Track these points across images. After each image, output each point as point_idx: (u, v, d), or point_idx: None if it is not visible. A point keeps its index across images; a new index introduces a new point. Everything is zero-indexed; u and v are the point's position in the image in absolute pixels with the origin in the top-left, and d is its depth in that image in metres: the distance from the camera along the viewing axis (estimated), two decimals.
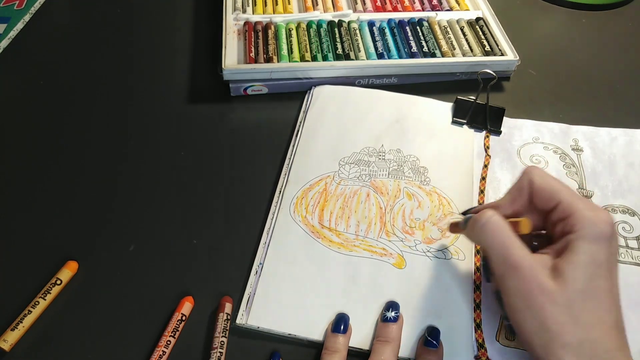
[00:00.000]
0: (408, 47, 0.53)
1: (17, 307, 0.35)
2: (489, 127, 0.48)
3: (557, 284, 0.28)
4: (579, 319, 0.27)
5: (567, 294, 0.28)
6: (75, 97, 0.50)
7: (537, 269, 0.28)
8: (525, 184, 0.32)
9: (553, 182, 0.31)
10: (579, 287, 0.28)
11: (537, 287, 0.28)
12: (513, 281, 0.29)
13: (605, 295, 0.28)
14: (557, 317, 0.27)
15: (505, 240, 0.30)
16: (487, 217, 0.31)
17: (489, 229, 0.30)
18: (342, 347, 0.33)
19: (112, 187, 0.43)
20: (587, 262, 0.28)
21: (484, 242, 0.31)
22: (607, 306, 0.28)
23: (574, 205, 0.30)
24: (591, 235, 0.28)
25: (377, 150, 0.45)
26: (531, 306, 0.28)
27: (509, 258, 0.29)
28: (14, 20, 0.56)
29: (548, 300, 0.28)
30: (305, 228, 0.40)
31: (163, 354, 0.33)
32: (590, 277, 0.28)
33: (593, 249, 0.28)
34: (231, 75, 0.48)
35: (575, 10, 0.64)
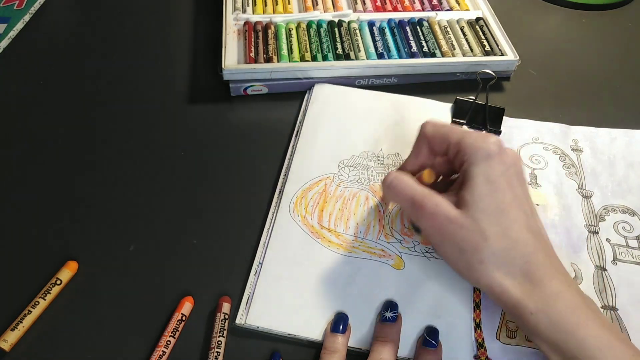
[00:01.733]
0: (408, 47, 0.53)
1: (17, 307, 0.35)
2: (489, 127, 0.48)
3: (462, 211, 0.30)
4: (487, 233, 0.29)
5: (471, 216, 0.30)
6: (75, 97, 0.50)
7: (442, 204, 0.31)
8: (422, 136, 0.35)
9: (443, 127, 0.34)
10: (480, 206, 0.30)
11: (445, 219, 0.30)
12: (425, 221, 0.32)
13: (507, 206, 0.30)
14: (468, 238, 0.30)
15: (408, 190, 0.32)
16: (392, 177, 0.34)
17: (394, 186, 0.33)
18: (342, 347, 0.33)
19: (112, 187, 0.43)
20: (481, 182, 0.30)
21: (394, 199, 0.34)
22: (513, 216, 0.30)
23: (462, 139, 0.32)
24: (478, 157, 0.31)
25: (375, 155, 0.45)
26: (445, 236, 0.31)
27: (415, 202, 0.31)
28: (14, 20, 0.56)
29: (456, 226, 0.30)
30: (305, 228, 0.40)
31: (163, 354, 0.33)
32: (488, 195, 0.30)
33: (483, 169, 0.30)
34: (231, 75, 0.48)
35: (575, 10, 0.64)
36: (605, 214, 0.42)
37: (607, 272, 0.39)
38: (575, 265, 0.39)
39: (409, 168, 0.36)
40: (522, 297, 0.29)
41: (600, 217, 0.42)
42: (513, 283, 0.29)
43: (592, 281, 0.38)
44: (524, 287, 0.29)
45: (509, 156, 0.31)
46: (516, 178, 0.31)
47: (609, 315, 0.36)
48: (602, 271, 0.39)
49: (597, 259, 0.39)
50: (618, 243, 0.40)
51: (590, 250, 0.40)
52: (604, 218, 0.42)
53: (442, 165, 0.35)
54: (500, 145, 0.31)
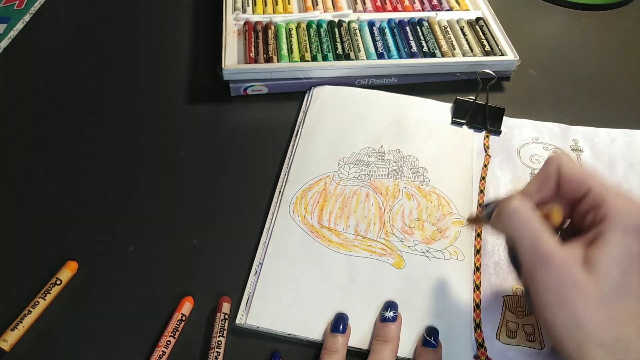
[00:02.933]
0: (408, 47, 0.53)
1: (17, 307, 0.35)
2: (489, 127, 0.48)
3: (591, 278, 0.26)
4: (614, 316, 0.26)
5: (601, 289, 0.26)
6: (75, 97, 0.50)
7: (570, 261, 0.26)
8: (553, 171, 0.30)
9: (582, 169, 0.29)
10: (614, 281, 0.26)
11: (570, 282, 0.26)
12: (544, 274, 0.27)
13: (638, 288, 0.26)
14: (592, 315, 0.26)
15: (534, 229, 0.28)
16: (516, 204, 0.29)
17: (517, 218, 0.28)
18: (341, 347, 0.33)
19: (112, 187, 0.43)
20: (620, 254, 0.26)
21: (512, 231, 0.29)
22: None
23: (605, 193, 0.28)
24: (624, 225, 0.27)
25: (376, 151, 0.45)
26: (563, 302, 0.26)
27: (540, 249, 0.27)
28: (14, 20, 0.56)
29: (582, 296, 0.26)
30: (305, 228, 0.40)
31: (163, 354, 0.33)
32: (624, 271, 0.26)
33: (627, 240, 0.26)
34: (231, 75, 0.48)
35: (575, 10, 0.64)
36: None
37: None
38: None
39: (532, 199, 0.30)
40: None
41: None
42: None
43: None
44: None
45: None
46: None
47: None
48: None
49: None
50: None
51: None
52: None
53: (566, 210, 0.31)
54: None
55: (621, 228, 0.27)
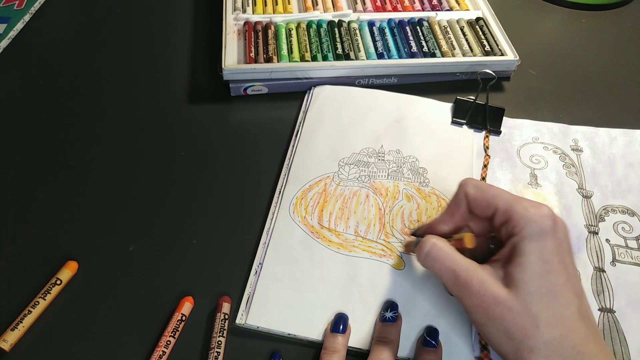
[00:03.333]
0: (408, 47, 0.53)
1: (17, 307, 0.35)
2: (489, 127, 0.48)
3: (511, 291, 0.28)
4: (539, 320, 0.27)
5: (522, 298, 0.28)
6: (75, 97, 0.50)
7: (488, 281, 0.29)
8: (462, 196, 0.32)
9: (488, 189, 0.31)
10: (532, 288, 0.28)
11: (491, 300, 0.28)
12: (469, 300, 0.29)
13: (560, 289, 0.28)
14: (518, 323, 0.27)
15: (450, 264, 0.30)
16: (430, 244, 0.31)
17: (433, 257, 0.31)
18: (341, 347, 0.33)
19: (112, 187, 0.43)
20: (534, 262, 0.28)
21: (432, 269, 0.32)
22: (565, 300, 0.28)
23: (511, 207, 0.30)
24: (533, 233, 0.28)
25: (376, 151, 0.45)
26: (491, 319, 0.28)
27: (458, 279, 0.29)
28: (14, 20, 0.56)
29: (505, 309, 0.28)
30: (305, 228, 0.40)
31: (163, 354, 0.33)
32: (541, 276, 0.28)
33: (537, 247, 0.28)
34: (231, 75, 0.48)
35: (575, 10, 0.64)
36: (605, 214, 0.42)
37: (605, 274, 0.39)
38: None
39: (444, 229, 0.33)
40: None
41: (600, 217, 0.42)
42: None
43: (590, 283, 0.38)
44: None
45: (561, 230, 0.29)
46: (568, 255, 0.29)
47: (606, 317, 0.36)
48: (601, 272, 0.39)
49: (596, 260, 0.39)
50: (617, 244, 0.40)
51: (590, 251, 0.40)
52: (604, 218, 0.42)
53: (482, 226, 0.33)
54: (554, 218, 0.29)
55: (529, 237, 0.28)
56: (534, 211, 0.29)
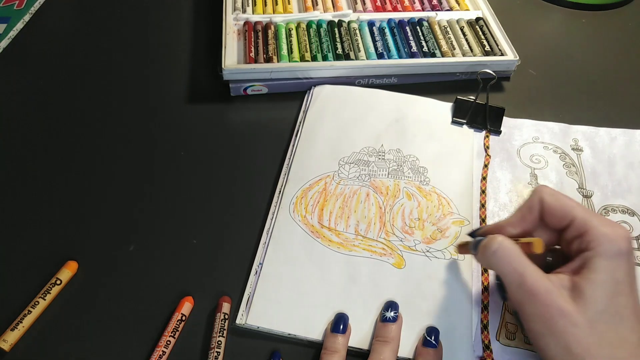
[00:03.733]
0: (408, 47, 0.53)
1: (17, 307, 0.35)
2: (489, 126, 0.48)
3: (578, 306, 0.27)
4: (603, 340, 0.27)
5: (589, 315, 0.27)
6: (75, 97, 0.50)
7: (555, 292, 0.28)
8: (536, 202, 0.31)
9: (565, 199, 0.31)
10: (601, 307, 0.27)
11: (557, 311, 0.27)
12: (531, 307, 0.28)
13: (627, 312, 0.27)
14: (581, 340, 0.27)
15: (518, 266, 0.29)
16: (498, 243, 0.30)
17: (500, 256, 0.30)
18: (342, 347, 0.33)
19: (112, 187, 0.43)
20: (606, 280, 0.27)
21: (497, 269, 0.31)
22: (631, 324, 0.27)
23: (589, 222, 0.29)
24: (609, 252, 0.28)
25: (376, 150, 0.45)
26: (553, 331, 0.27)
27: (525, 284, 0.28)
28: (14, 20, 0.56)
29: (570, 323, 0.27)
30: (305, 228, 0.40)
31: (163, 354, 0.33)
32: (611, 296, 0.27)
33: (612, 266, 0.28)
34: (231, 75, 0.48)
35: (575, 10, 0.64)
36: (605, 214, 0.42)
37: None
38: None
39: (513, 231, 0.32)
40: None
41: None
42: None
43: None
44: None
45: (633, 256, 0.29)
46: (635, 282, 0.28)
47: None
48: None
49: None
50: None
51: None
52: None
53: (548, 236, 0.32)
54: (630, 241, 0.28)
55: (605, 255, 0.28)
56: (613, 230, 0.28)
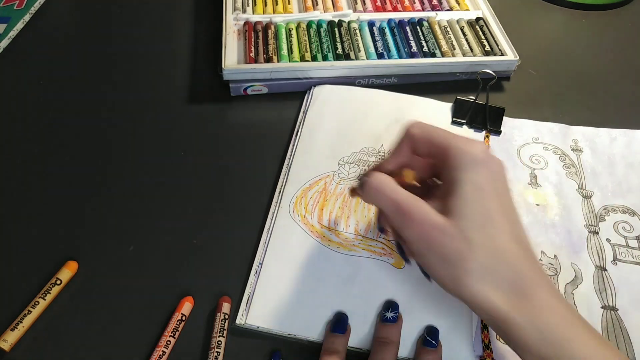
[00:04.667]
0: (408, 47, 0.53)
1: (17, 307, 0.35)
2: (489, 127, 0.48)
3: (448, 219, 0.29)
4: (473, 242, 0.28)
5: (458, 223, 0.28)
6: (74, 97, 0.50)
7: (427, 210, 0.29)
8: (405, 136, 0.33)
9: (430, 128, 0.32)
10: (467, 213, 0.28)
11: (429, 226, 0.29)
12: (409, 230, 0.30)
13: (494, 214, 0.28)
14: (454, 247, 0.28)
15: (391, 194, 0.30)
16: (373, 177, 0.32)
17: (376, 189, 0.31)
18: (342, 348, 0.33)
19: (112, 187, 0.43)
20: (469, 190, 0.29)
21: (375, 202, 0.32)
22: (500, 225, 0.28)
23: (448, 142, 0.30)
24: (466, 163, 0.29)
25: (376, 150, 0.45)
26: (430, 245, 0.29)
27: (400, 209, 0.30)
28: (14, 20, 0.56)
29: (442, 233, 0.28)
30: (305, 228, 0.40)
31: (163, 354, 0.33)
32: (474, 202, 0.28)
33: (471, 176, 0.29)
34: (231, 75, 0.48)
35: (575, 10, 0.64)
36: (605, 214, 0.42)
37: (607, 272, 0.39)
38: (575, 265, 0.39)
39: (388, 167, 0.34)
40: (510, 310, 0.27)
41: (600, 217, 0.42)
42: (501, 296, 0.27)
43: (592, 281, 0.38)
44: (512, 300, 0.27)
45: (495, 163, 0.30)
46: (502, 186, 0.30)
47: (609, 315, 0.36)
48: (602, 271, 0.39)
49: (597, 259, 0.39)
50: (618, 243, 0.40)
51: (591, 250, 0.40)
52: (604, 218, 0.42)
53: (421, 166, 0.34)
54: (487, 151, 0.30)
55: (463, 167, 0.29)
56: (468, 143, 0.30)
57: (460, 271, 0.28)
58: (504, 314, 0.27)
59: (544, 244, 0.40)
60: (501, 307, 0.27)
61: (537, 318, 0.27)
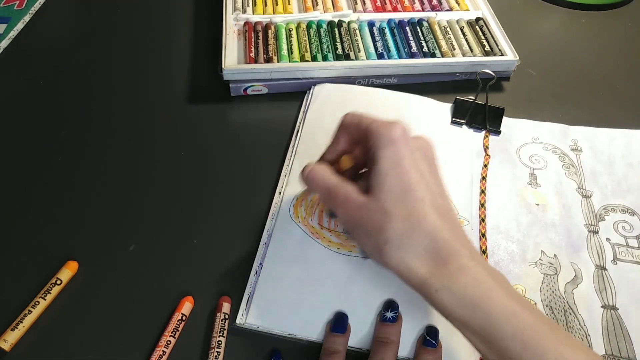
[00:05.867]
0: (408, 47, 0.53)
1: (17, 307, 0.35)
2: (489, 127, 0.48)
3: (370, 196, 0.31)
4: (391, 214, 0.29)
5: (377, 197, 0.30)
6: (75, 97, 0.50)
7: (351, 191, 0.31)
8: (340, 125, 0.35)
9: (360, 116, 0.34)
10: (386, 187, 0.30)
11: (354, 206, 0.31)
12: (339, 210, 0.32)
13: (413, 187, 0.30)
14: (374, 220, 0.30)
15: (323, 181, 0.33)
16: (308, 168, 0.34)
17: (311, 177, 0.34)
18: (342, 347, 0.33)
19: (112, 187, 0.43)
20: (386, 165, 0.30)
21: (313, 189, 0.34)
22: (419, 195, 0.30)
23: (369, 125, 0.32)
24: (383, 142, 0.31)
25: None
26: (356, 223, 0.31)
27: (329, 192, 0.32)
28: (14, 20, 0.56)
29: (364, 210, 0.30)
30: (305, 229, 0.40)
31: (163, 354, 0.33)
32: (393, 176, 0.30)
33: (388, 152, 0.31)
34: (231, 75, 0.48)
35: (575, 10, 0.64)
36: (605, 213, 0.42)
37: (607, 272, 0.39)
38: (575, 264, 0.39)
39: (328, 157, 0.36)
40: (427, 275, 0.29)
41: (600, 216, 0.42)
42: (419, 262, 0.29)
43: (592, 280, 0.38)
44: (429, 265, 0.29)
45: (415, 141, 0.32)
46: (424, 160, 0.32)
47: (609, 314, 0.36)
48: (603, 270, 0.39)
49: (597, 259, 0.39)
50: (618, 242, 0.40)
51: (590, 250, 0.40)
52: (604, 218, 0.42)
53: (361, 154, 0.35)
54: (404, 130, 0.32)
55: (381, 146, 0.31)
56: (387, 125, 0.32)
57: (381, 241, 0.30)
58: (421, 278, 0.29)
59: (544, 244, 0.40)
60: (419, 273, 0.29)
61: (451, 282, 0.28)
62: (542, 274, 0.38)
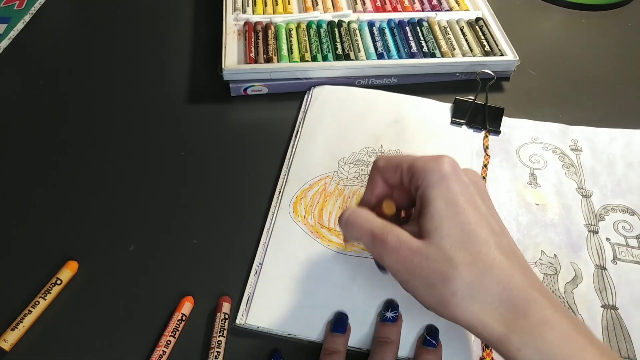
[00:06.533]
0: (408, 47, 0.53)
1: (17, 307, 0.35)
2: (488, 127, 0.48)
3: (425, 241, 0.27)
4: (456, 261, 0.26)
5: (435, 243, 0.27)
6: (75, 97, 0.50)
7: (402, 236, 0.28)
8: (374, 170, 0.33)
9: (395, 157, 0.31)
10: (443, 232, 0.27)
11: (408, 252, 0.27)
12: (388, 258, 0.28)
13: (473, 227, 0.27)
14: (436, 269, 0.27)
15: (367, 225, 0.30)
16: (348, 213, 0.31)
17: (352, 223, 0.30)
18: (342, 347, 0.33)
19: (112, 187, 0.43)
20: (441, 207, 0.27)
21: (353, 236, 0.31)
22: (482, 237, 0.27)
23: (412, 164, 0.30)
24: (432, 181, 0.28)
25: (376, 151, 0.45)
26: (411, 272, 0.28)
27: (375, 238, 0.29)
28: (14, 20, 0.56)
29: (421, 257, 0.27)
30: (305, 228, 0.40)
31: (163, 354, 0.33)
32: (449, 218, 0.27)
33: (441, 191, 0.28)
34: (231, 75, 0.48)
35: (575, 10, 0.64)
36: (605, 213, 0.42)
37: (607, 272, 0.39)
38: (575, 264, 0.39)
39: (366, 204, 0.33)
40: (505, 331, 0.25)
41: (600, 216, 0.42)
42: (493, 315, 0.26)
43: (592, 280, 0.38)
44: (506, 318, 0.26)
45: (466, 174, 0.29)
46: (479, 196, 0.28)
47: (609, 314, 0.36)
48: (602, 270, 0.39)
49: (597, 258, 0.39)
50: (618, 242, 0.40)
51: (590, 250, 0.40)
52: (604, 217, 0.42)
53: (401, 197, 0.33)
54: (453, 164, 0.29)
55: (430, 185, 0.28)
56: (433, 160, 0.29)
57: (447, 293, 0.26)
58: (498, 335, 0.26)
59: (544, 244, 0.40)
60: (495, 328, 0.26)
61: (535, 338, 0.25)
62: (542, 274, 0.38)
